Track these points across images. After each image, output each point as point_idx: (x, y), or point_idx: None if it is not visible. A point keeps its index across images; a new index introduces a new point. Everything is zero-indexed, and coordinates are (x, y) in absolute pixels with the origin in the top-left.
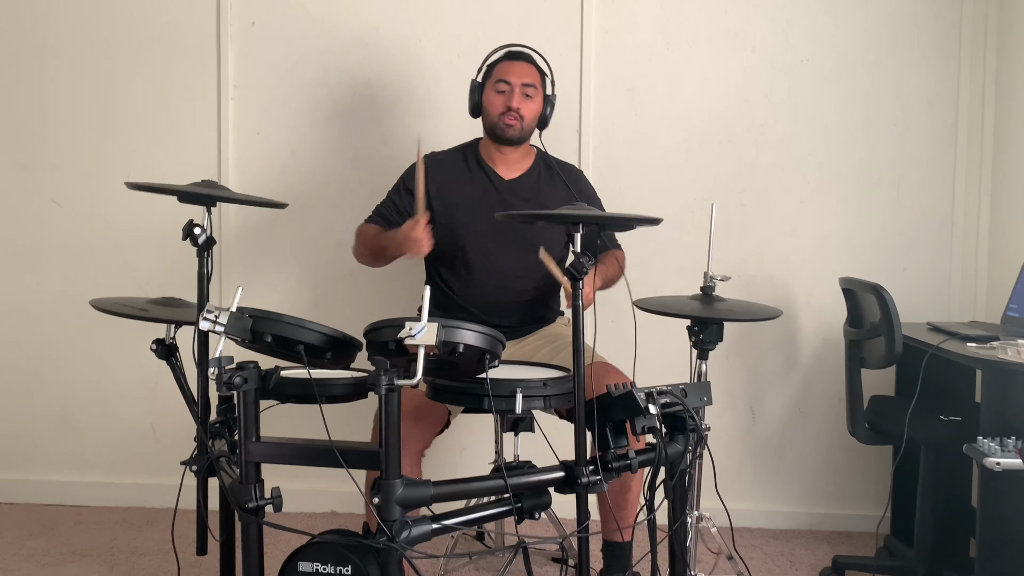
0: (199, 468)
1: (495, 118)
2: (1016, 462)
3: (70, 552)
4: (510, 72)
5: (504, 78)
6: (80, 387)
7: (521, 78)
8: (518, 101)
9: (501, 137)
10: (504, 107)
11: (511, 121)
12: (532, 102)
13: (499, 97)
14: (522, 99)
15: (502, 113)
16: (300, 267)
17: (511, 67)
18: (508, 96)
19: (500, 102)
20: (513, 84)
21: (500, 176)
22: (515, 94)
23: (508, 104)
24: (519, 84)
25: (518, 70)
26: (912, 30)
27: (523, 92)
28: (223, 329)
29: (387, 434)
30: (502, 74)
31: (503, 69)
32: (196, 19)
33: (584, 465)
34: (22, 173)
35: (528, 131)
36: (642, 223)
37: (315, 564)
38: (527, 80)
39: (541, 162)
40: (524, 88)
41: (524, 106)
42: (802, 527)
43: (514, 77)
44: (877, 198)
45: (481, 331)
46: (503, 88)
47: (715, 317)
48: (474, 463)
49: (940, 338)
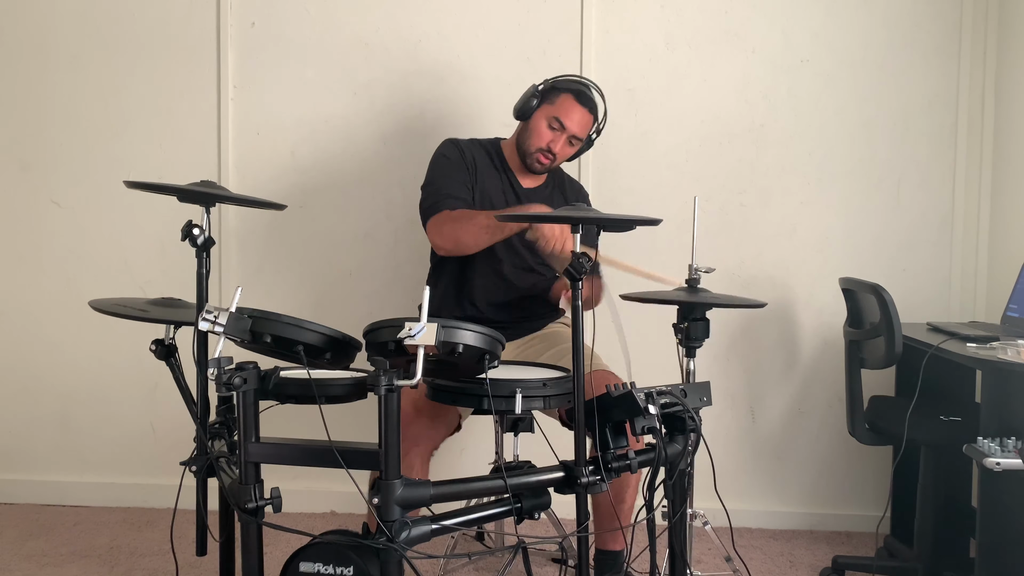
0: (199, 468)
1: (533, 149)
2: (1016, 462)
3: (70, 552)
4: (572, 117)
5: (562, 119)
6: (80, 387)
7: (576, 128)
8: (561, 147)
9: (528, 167)
10: (547, 146)
11: (545, 160)
12: (571, 149)
13: (548, 133)
14: (566, 146)
15: (542, 150)
16: (300, 267)
17: (575, 112)
18: (555, 138)
19: (547, 139)
20: (567, 130)
21: (520, 184)
22: (562, 141)
23: (551, 146)
24: (571, 134)
25: (579, 119)
26: (912, 30)
27: (569, 141)
28: (222, 329)
29: (387, 434)
30: (563, 113)
31: (566, 108)
32: (196, 19)
33: (584, 465)
34: (22, 173)
35: (552, 169)
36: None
37: (317, 564)
38: (579, 133)
39: (555, 177)
40: (572, 138)
41: (563, 153)
42: (802, 527)
43: (571, 124)
44: (877, 198)
45: (480, 331)
46: (555, 125)
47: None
48: (474, 463)
49: (940, 338)
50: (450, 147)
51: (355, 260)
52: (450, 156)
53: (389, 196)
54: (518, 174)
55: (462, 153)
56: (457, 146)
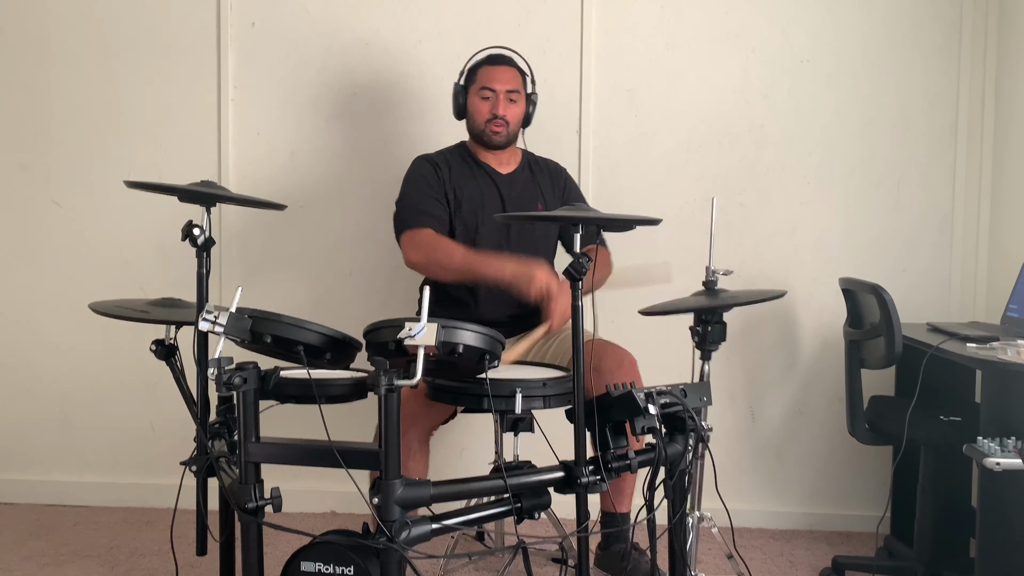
0: (199, 468)
1: (481, 124)
2: (1016, 462)
3: (70, 552)
4: (493, 79)
5: (488, 85)
6: (80, 387)
7: (505, 84)
8: (503, 108)
9: (488, 143)
10: (490, 114)
11: (498, 128)
12: (516, 106)
13: (484, 104)
14: (507, 105)
15: (488, 120)
16: (300, 267)
17: (494, 73)
18: (493, 103)
19: (486, 109)
20: (498, 91)
21: (498, 171)
22: (500, 101)
23: (494, 111)
24: (503, 91)
25: (501, 76)
26: (912, 30)
27: (507, 98)
28: (223, 330)
29: (387, 434)
30: (486, 80)
31: (486, 75)
32: (196, 19)
33: (584, 465)
34: (22, 174)
35: (514, 134)
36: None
37: (318, 564)
38: (510, 86)
39: (528, 159)
40: (508, 94)
41: (509, 112)
42: (802, 527)
43: (498, 84)
44: (877, 198)
45: (480, 331)
46: (487, 95)
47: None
48: (474, 463)
49: (940, 338)
50: (421, 163)
51: (355, 260)
52: (423, 172)
53: (389, 197)
54: (492, 164)
55: (435, 167)
56: (429, 161)
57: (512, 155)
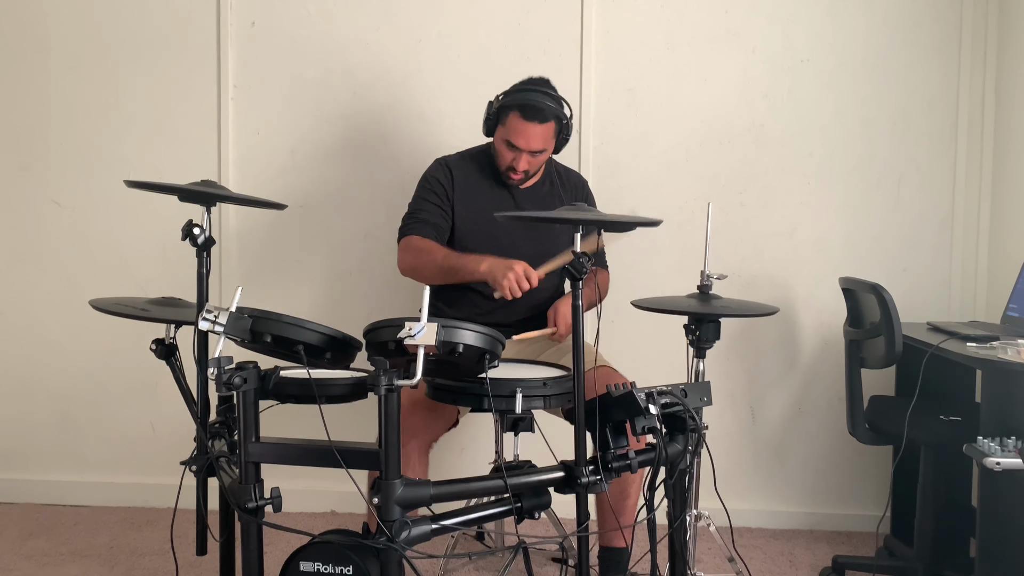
0: (199, 468)
1: (502, 167)
2: (1016, 462)
3: (70, 552)
4: (521, 136)
5: (514, 142)
6: (80, 387)
7: (531, 145)
8: (525, 164)
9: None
10: (510, 164)
11: (515, 177)
12: (541, 157)
13: (508, 153)
14: (529, 161)
15: (508, 167)
16: (300, 267)
17: (524, 130)
18: (516, 158)
19: (508, 158)
20: (522, 150)
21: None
22: (522, 159)
23: (514, 165)
24: (527, 151)
25: (530, 135)
26: (912, 30)
27: (531, 155)
28: (223, 329)
29: (387, 434)
30: (512, 135)
31: (515, 129)
32: (196, 19)
33: (584, 465)
34: (22, 173)
35: (532, 176)
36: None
37: (316, 564)
38: (537, 147)
39: (552, 170)
40: (531, 152)
41: (531, 166)
42: (802, 527)
43: (523, 143)
44: (877, 198)
45: (481, 331)
46: (511, 147)
47: (711, 313)
48: (474, 463)
49: (940, 338)
50: (434, 169)
51: (355, 260)
52: (431, 180)
53: (389, 196)
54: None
55: (449, 174)
56: (443, 168)
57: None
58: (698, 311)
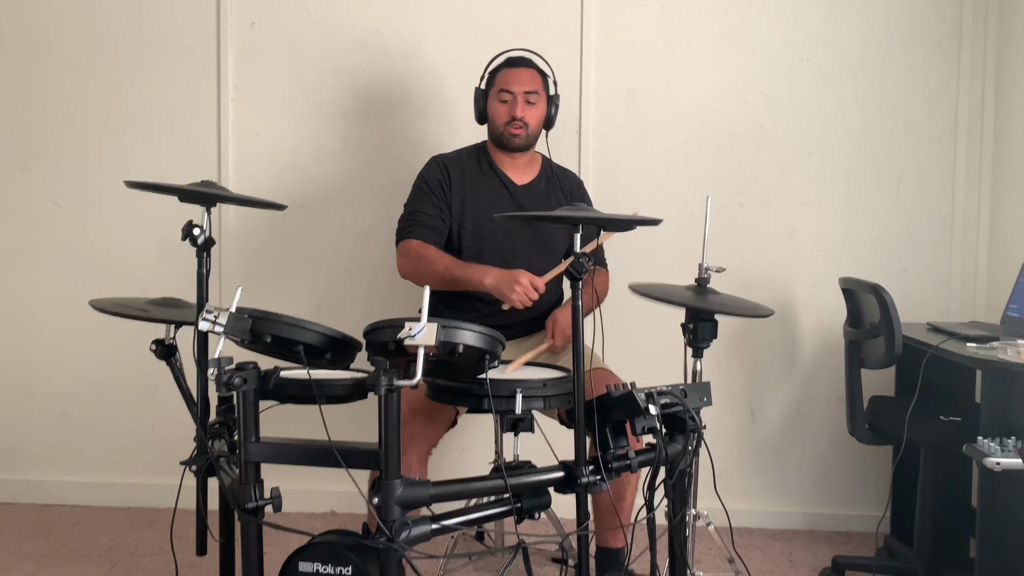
0: (199, 468)
1: (500, 127)
2: (1016, 462)
3: (70, 552)
4: (512, 81)
5: (506, 87)
6: (80, 387)
7: (523, 86)
8: (522, 110)
9: (508, 146)
10: (508, 116)
11: (516, 131)
12: (536, 108)
13: (503, 107)
14: (525, 107)
15: (507, 123)
16: (300, 267)
17: (512, 75)
18: (511, 105)
19: (504, 111)
20: (516, 93)
21: (513, 181)
22: (518, 103)
23: (512, 114)
24: (521, 93)
25: (519, 78)
26: (912, 30)
27: (526, 100)
28: (222, 329)
29: (387, 434)
30: (504, 83)
31: (504, 77)
32: (196, 19)
33: (584, 465)
34: (22, 173)
35: (534, 137)
36: (642, 223)
37: (315, 564)
38: (529, 87)
39: (548, 168)
40: (527, 96)
41: (528, 114)
42: (802, 527)
43: (516, 86)
44: (877, 198)
45: (481, 331)
46: (506, 98)
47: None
48: (474, 463)
49: (940, 338)
50: (431, 168)
51: (355, 260)
52: (428, 179)
53: (389, 196)
54: (509, 172)
55: (446, 172)
56: (439, 166)
57: (531, 162)
58: (693, 303)
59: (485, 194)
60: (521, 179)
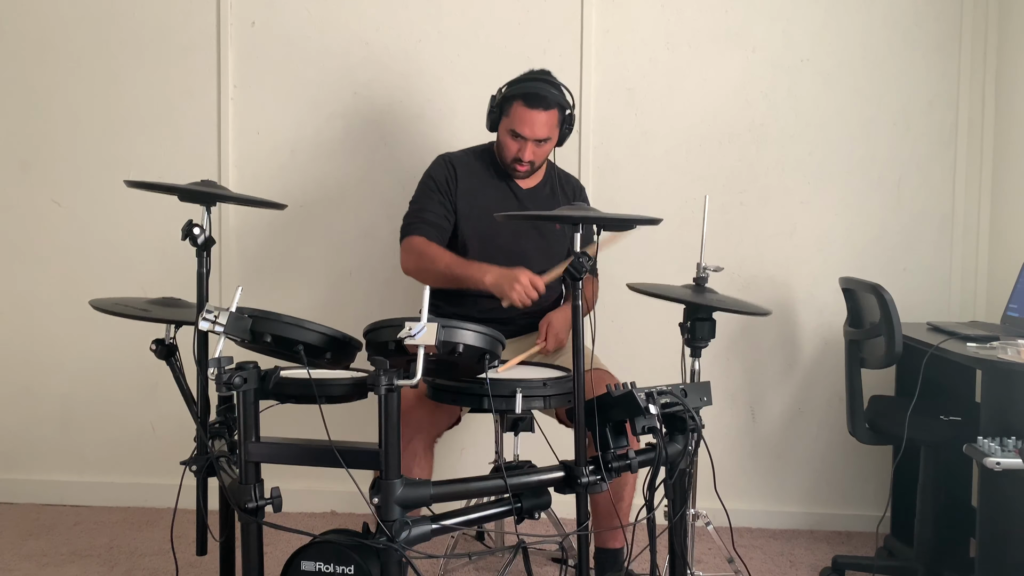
0: (199, 468)
1: (507, 160)
2: (1016, 462)
3: (70, 552)
4: (525, 124)
5: (518, 130)
6: (80, 387)
7: (535, 133)
8: (530, 154)
9: (512, 175)
10: (515, 156)
11: (521, 168)
12: (545, 147)
13: (513, 144)
14: (534, 150)
15: (513, 159)
16: (300, 267)
17: (528, 118)
18: (521, 147)
19: (513, 149)
20: (527, 138)
21: (519, 185)
22: (528, 148)
23: (520, 156)
24: (533, 140)
25: (534, 123)
26: (912, 30)
27: (536, 144)
28: (223, 329)
29: (387, 434)
30: (517, 124)
31: (519, 117)
32: (196, 19)
33: (584, 465)
34: (22, 173)
35: (537, 168)
36: (642, 223)
37: (318, 563)
38: (541, 135)
39: (552, 173)
40: (537, 141)
41: (536, 156)
42: (802, 527)
43: (528, 131)
44: (877, 198)
45: (481, 331)
46: (517, 137)
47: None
48: (474, 463)
49: (940, 338)
50: (437, 166)
51: (355, 260)
52: (435, 178)
53: (389, 196)
54: (517, 179)
55: (452, 171)
56: (446, 165)
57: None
58: (691, 300)
59: (491, 196)
60: (527, 184)
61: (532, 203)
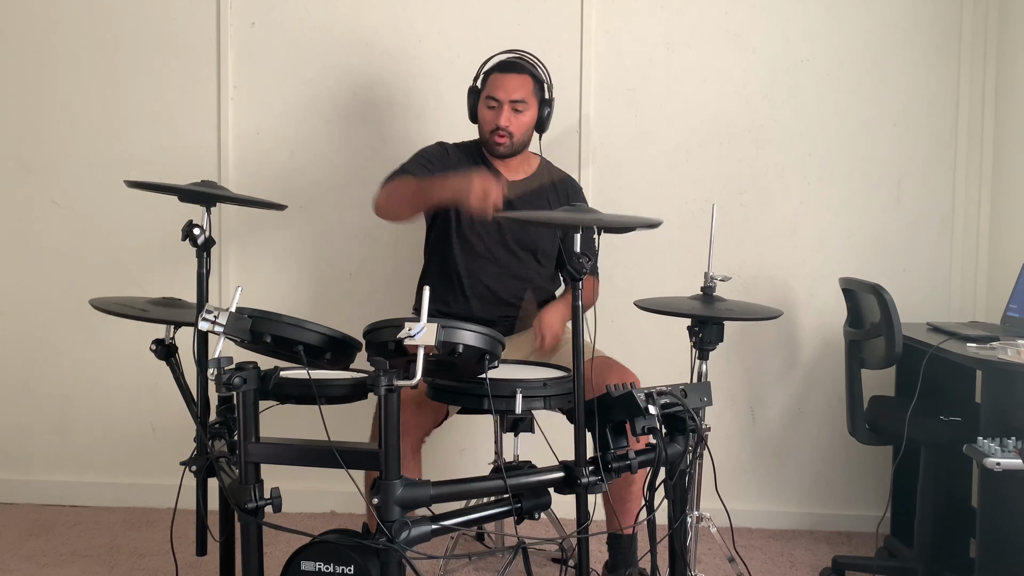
0: (199, 468)
1: (486, 134)
2: (1016, 462)
3: (70, 552)
4: (499, 87)
5: (493, 95)
6: (80, 387)
7: (510, 94)
8: (507, 119)
9: (493, 152)
10: (493, 124)
11: (500, 139)
12: (523, 116)
13: (489, 113)
14: (511, 116)
15: (492, 130)
16: (300, 267)
17: (501, 81)
18: (497, 113)
19: (490, 118)
20: (502, 101)
21: (505, 176)
22: (504, 112)
23: (497, 122)
24: (508, 101)
25: (508, 84)
26: (912, 30)
27: (512, 108)
28: (222, 329)
29: (387, 434)
30: (492, 89)
31: (493, 83)
32: (196, 19)
33: (584, 465)
34: (22, 173)
35: (520, 144)
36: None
37: (318, 564)
38: (516, 96)
39: (544, 169)
40: (514, 104)
41: (513, 123)
42: (802, 527)
43: (503, 93)
44: (877, 198)
45: (480, 331)
46: (492, 104)
47: (716, 316)
48: (474, 463)
49: (940, 338)
50: (435, 146)
51: (355, 260)
52: (429, 153)
53: None
54: (501, 168)
55: (446, 153)
56: (442, 147)
57: (524, 162)
58: (702, 314)
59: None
60: (514, 176)
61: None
